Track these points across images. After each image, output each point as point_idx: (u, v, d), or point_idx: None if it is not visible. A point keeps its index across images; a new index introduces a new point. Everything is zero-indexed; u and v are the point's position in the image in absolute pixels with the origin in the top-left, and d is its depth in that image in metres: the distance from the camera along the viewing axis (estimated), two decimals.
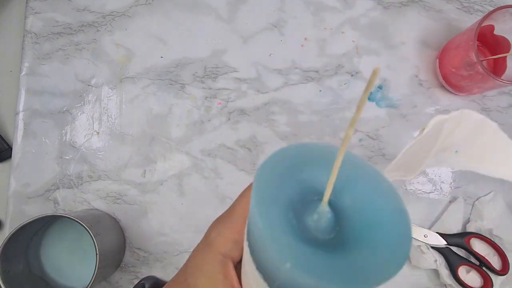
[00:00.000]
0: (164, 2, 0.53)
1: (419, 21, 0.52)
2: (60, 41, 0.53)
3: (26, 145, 0.51)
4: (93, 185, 0.50)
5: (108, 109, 0.51)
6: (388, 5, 0.52)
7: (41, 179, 0.50)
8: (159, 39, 0.52)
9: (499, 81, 0.41)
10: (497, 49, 0.47)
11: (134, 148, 0.51)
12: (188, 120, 0.51)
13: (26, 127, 0.51)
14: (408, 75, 0.51)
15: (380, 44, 0.52)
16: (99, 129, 0.51)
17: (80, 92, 0.52)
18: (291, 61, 0.51)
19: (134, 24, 0.53)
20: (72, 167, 0.50)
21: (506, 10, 0.41)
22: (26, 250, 0.46)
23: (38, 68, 0.52)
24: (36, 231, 0.47)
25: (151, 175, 0.50)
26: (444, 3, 0.52)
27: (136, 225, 0.49)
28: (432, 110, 0.50)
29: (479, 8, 0.52)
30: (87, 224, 0.41)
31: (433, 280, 0.47)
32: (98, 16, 0.53)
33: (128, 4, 0.53)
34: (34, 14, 0.53)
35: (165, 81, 0.51)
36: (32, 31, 0.53)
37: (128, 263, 0.49)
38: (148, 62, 0.52)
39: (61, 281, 0.48)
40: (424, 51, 0.51)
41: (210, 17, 0.52)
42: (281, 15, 0.52)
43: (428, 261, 0.45)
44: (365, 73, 0.51)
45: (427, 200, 0.49)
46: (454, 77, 0.47)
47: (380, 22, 0.52)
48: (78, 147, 0.51)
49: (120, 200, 0.50)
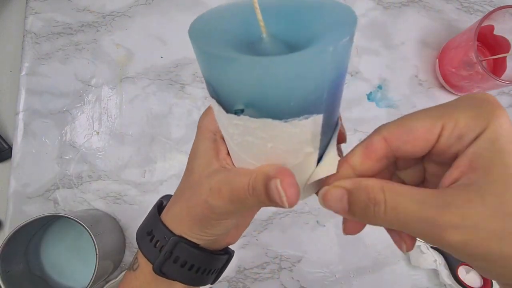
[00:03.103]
0: (164, 2, 0.53)
1: (419, 21, 0.52)
2: (60, 41, 0.53)
3: (26, 145, 0.51)
4: (93, 185, 0.50)
5: (108, 109, 0.51)
6: (388, 5, 0.52)
7: (41, 179, 0.50)
8: (159, 39, 0.52)
9: (499, 81, 0.41)
10: (497, 49, 0.47)
11: (134, 148, 0.51)
12: (188, 120, 0.51)
13: (26, 127, 0.51)
14: (408, 75, 0.51)
15: (380, 44, 0.52)
16: (99, 129, 0.51)
17: (80, 92, 0.52)
18: None
19: (134, 24, 0.53)
20: (72, 167, 0.50)
21: (506, 10, 0.41)
22: (26, 250, 0.46)
23: (38, 68, 0.52)
24: (36, 231, 0.47)
25: (151, 175, 0.50)
26: (444, 3, 0.52)
27: (136, 225, 0.49)
28: None
29: (479, 8, 0.52)
30: (87, 224, 0.41)
31: (433, 280, 0.47)
32: (98, 16, 0.53)
33: (128, 4, 0.53)
34: (34, 14, 0.53)
35: (165, 81, 0.51)
36: (32, 31, 0.53)
37: (128, 263, 0.49)
38: (148, 62, 0.52)
39: (61, 281, 0.48)
40: (424, 51, 0.51)
41: None
42: None
43: (427, 261, 0.45)
44: (365, 73, 0.51)
45: None
46: (454, 77, 0.47)
47: (380, 22, 0.52)
48: (78, 147, 0.51)
49: (120, 200, 0.50)
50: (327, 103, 0.16)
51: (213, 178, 0.20)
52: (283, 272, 0.48)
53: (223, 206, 0.20)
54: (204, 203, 0.20)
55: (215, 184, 0.20)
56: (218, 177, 0.20)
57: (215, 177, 0.20)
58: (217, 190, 0.20)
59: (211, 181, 0.20)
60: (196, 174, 0.22)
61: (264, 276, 0.48)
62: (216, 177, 0.20)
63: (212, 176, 0.20)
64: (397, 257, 0.48)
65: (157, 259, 0.23)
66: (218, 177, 0.20)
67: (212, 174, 0.21)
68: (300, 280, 0.48)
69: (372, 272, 0.48)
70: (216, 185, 0.20)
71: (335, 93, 0.17)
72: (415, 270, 0.48)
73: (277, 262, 0.48)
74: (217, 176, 0.20)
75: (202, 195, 0.20)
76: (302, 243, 0.49)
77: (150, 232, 0.24)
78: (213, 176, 0.20)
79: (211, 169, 0.21)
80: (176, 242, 0.22)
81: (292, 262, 0.48)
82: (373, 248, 0.48)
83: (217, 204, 0.20)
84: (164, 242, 0.23)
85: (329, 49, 0.14)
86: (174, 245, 0.22)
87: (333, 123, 0.19)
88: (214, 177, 0.20)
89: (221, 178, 0.20)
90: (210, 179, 0.20)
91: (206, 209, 0.20)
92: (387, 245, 0.48)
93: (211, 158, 0.21)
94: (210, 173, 0.21)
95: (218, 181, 0.20)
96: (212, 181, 0.20)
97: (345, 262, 0.48)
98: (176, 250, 0.22)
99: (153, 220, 0.24)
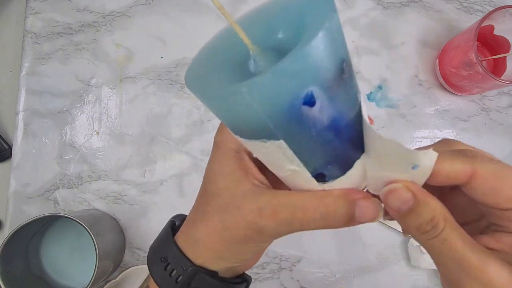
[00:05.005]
0: (164, 2, 0.53)
1: (419, 21, 0.52)
2: (60, 41, 0.53)
3: (26, 145, 0.51)
4: (93, 185, 0.50)
5: (108, 109, 0.51)
6: (388, 5, 0.52)
7: (41, 179, 0.50)
8: (159, 39, 0.52)
9: (499, 81, 0.41)
10: (497, 49, 0.47)
11: (134, 148, 0.51)
12: (188, 120, 0.51)
13: (26, 127, 0.51)
14: (408, 75, 0.51)
15: (380, 44, 0.52)
16: (99, 129, 0.51)
17: (80, 92, 0.52)
18: None
19: (134, 24, 0.53)
20: (72, 167, 0.50)
21: (506, 10, 0.41)
22: (26, 250, 0.46)
23: (38, 68, 0.52)
24: (36, 231, 0.47)
25: (151, 175, 0.50)
26: (444, 3, 0.52)
27: (136, 225, 0.49)
28: (432, 110, 0.50)
29: (479, 8, 0.52)
30: (87, 224, 0.41)
31: (433, 280, 0.47)
32: (98, 16, 0.53)
33: (128, 4, 0.53)
34: (34, 14, 0.53)
35: (165, 81, 0.51)
36: (32, 31, 0.53)
37: (128, 263, 0.49)
38: (148, 62, 0.52)
39: (61, 281, 0.48)
40: (424, 51, 0.51)
41: (210, 17, 0.52)
42: None
43: (427, 261, 0.45)
44: (365, 73, 0.51)
45: None
46: (454, 77, 0.47)
47: (380, 22, 0.52)
48: (78, 147, 0.51)
49: (120, 200, 0.50)
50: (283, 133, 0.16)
51: (257, 199, 0.20)
52: (283, 272, 0.48)
53: (275, 227, 0.19)
54: (249, 224, 0.19)
55: (264, 205, 0.19)
56: (265, 198, 0.19)
57: (259, 198, 0.20)
58: (271, 211, 0.19)
59: (256, 202, 0.19)
60: (226, 197, 0.21)
61: (264, 276, 0.48)
62: (261, 198, 0.20)
63: (250, 197, 0.20)
64: (397, 257, 0.48)
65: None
66: (264, 198, 0.19)
67: (250, 195, 0.20)
68: (300, 280, 0.48)
69: (372, 272, 0.48)
70: (267, 206, 0.19)
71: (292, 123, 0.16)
72: (415, 270, 0.48)
73: (277, 262, 0.48)
74: (262, 197, 0.20)
75: (247, 216, 0.19)
76: (302, 243, 0.49)
77: (165, 259, 0.22)
78: (252, 197, 0.20)
79: (244, 190, 0.20)
80: (195, 273, 0.21)
81: (292, 262, 0.48)
82: (373, 248, 0.48)
83: (270, 225, 0.19)
84: (181, 271, 0.21)
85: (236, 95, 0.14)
86: (193, 276, 0.21)
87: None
88: (257, 198, 0.20)
89: (271, 200, 0.19)
90: (252, 200, 0.20)
91: (251, 230, 0.20)
92: (387, 245, 0.48)
93: (241, 178, 0.20)
94: (245, 193, 0.20)
95: (269, 202, 0.19)
96: (258, 203, 0.19)
97: (345, 262, 0.48)
98: (195, 281, 0.21)
99: (168, 245, 0.22)
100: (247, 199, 0.20)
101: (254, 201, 0.20)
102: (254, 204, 0.19)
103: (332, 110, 0.16)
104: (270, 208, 0.19)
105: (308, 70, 0.14)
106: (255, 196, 0.20)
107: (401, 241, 0.48)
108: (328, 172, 0.18)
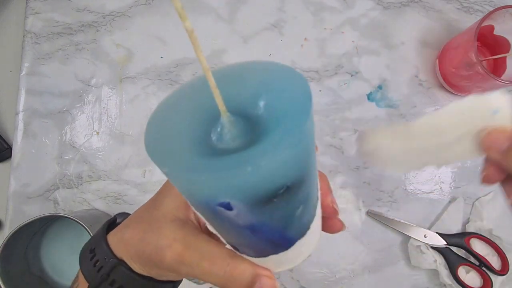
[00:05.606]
0: (164, 2, 0.53)
1: (419, 21, 0.52)
2: (60, 41, 0.53)
3: (26, 145, 0.51)
4: (93, 185, 0.50)
5: (108, 109, 0.51)
6: (388, 5, 0.52)
7: (41, 179, 0.50)
8: (159, 39, 0.52)
9: (499, 81, 0.41)
10: (497, 49, 0.47)
11: (134, 148, 0.51)
12: None
13: (26, 127, 0.51)
14: (408, 75, 0.51)
15: (380, 44, 0.52)
16: (99, 129, 0.51)
17: (80, 92, 0.52)
18: (291, 61, 0.51)
19: (134, 24, 0.53)
20: (72, 167, 0.50)
21: (506, 10, 0.41)
22: (26, 250, 0.46)
23: (38, 68, 0.52)
24: (36, 231, 0.47)
25: (151, 175, 0.50)
26: (444, 3, 0.52)
27: None
28: (432, 110, 0.50)
29: (479, 8, 0.52)
30: (87, 224, 0.41)
31: (433, 280, 0.47)
32: (98, 16, 0.53)
33: (128, 4, 0.53)
34: (34, 14, 0.53)
35: (165, 81, 0.51)
36: (32, 31, 0.53)
37: None
38: (148, 62, 0.52)
39: (61, 281, 0.48)
40: (424, 51, 0.51)
41: (210, 17, 0.52)
42: (281, 15, 0.52)
43: (427, 261, 0.45)
44: (365, 73, 0.51)
45: (426, 200, 0.49)
46: (454, 77, 0.47)
47: (380, 22, 0.52)
48: (78, 147, 0.51)
49: (120, 200, 0.50)
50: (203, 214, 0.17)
51: (178, 231, 0.20)
52: (283, 272, 0.48)
53: (175, 264, 0.19)
54: (156, 249, 0.20)
55: (180, 238, 0.20)
56: (184, 233, 0.20)
57: (180, 230, 0.20)
58: (181, 247, 0.19)
59: (174, 233, 0.20)
60: (161, 212, 0.21)
61: None
62: (182, 231, 0.20)
63: (176, 226, 0.20)
64: (397, 257, 0.48)
65: (93, 280, 0.21)
66: (184, 233, 0.20)
67: (177, 223, 0.20)
68: (300, 280, 0.48)
69: (372, 272, 0.48)
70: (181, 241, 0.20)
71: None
72: (415, 270, 0.48)
73: None
74: (183, 231, 0.20)
75: (159, 240, 0.20)
76: None
77: (93, 250, 0.22)
78: (176, 226, 0.20)
79: (177, 216, 0.21)
80: (114, 265, 0.21)
81: None
82: (373, 248, 0.48)
83: (173, 258, 0.19)
84: (103, 262, 0.22)
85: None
86: (112, 267, 0.21)
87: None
88: (179, 230, 0.20)
89: (188, 237, 0.20)
90: (174, 229, 0.20)
91: (156, 255, 0.20)
92: (387, 245, 0.48)
93: (182, 204, 0.21)
94: (175, 219, 0.21)
95: (184, 239, 0.20)
96: (176, 234, 0.20)
97: (345, 262, 0.48)
98: (114, 273, 0.21)
99: (98, 238, 0.23)
100: (171, 226, 0.20)
101: (174, 230, 0.20)
102: (172, 234, 0.20)
103: (253, 220, 0.15)
104: (182, 244, 0.20)
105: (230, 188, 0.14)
106: (179, 227, 0.20)
107: (401, 241, 0.48)
108: (241, 250, 0.19)
